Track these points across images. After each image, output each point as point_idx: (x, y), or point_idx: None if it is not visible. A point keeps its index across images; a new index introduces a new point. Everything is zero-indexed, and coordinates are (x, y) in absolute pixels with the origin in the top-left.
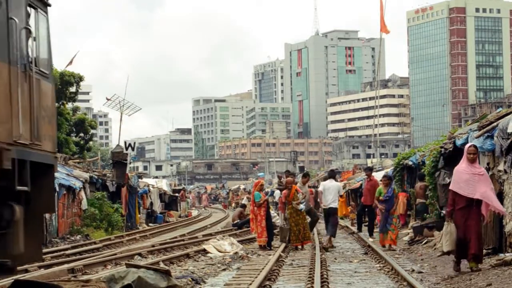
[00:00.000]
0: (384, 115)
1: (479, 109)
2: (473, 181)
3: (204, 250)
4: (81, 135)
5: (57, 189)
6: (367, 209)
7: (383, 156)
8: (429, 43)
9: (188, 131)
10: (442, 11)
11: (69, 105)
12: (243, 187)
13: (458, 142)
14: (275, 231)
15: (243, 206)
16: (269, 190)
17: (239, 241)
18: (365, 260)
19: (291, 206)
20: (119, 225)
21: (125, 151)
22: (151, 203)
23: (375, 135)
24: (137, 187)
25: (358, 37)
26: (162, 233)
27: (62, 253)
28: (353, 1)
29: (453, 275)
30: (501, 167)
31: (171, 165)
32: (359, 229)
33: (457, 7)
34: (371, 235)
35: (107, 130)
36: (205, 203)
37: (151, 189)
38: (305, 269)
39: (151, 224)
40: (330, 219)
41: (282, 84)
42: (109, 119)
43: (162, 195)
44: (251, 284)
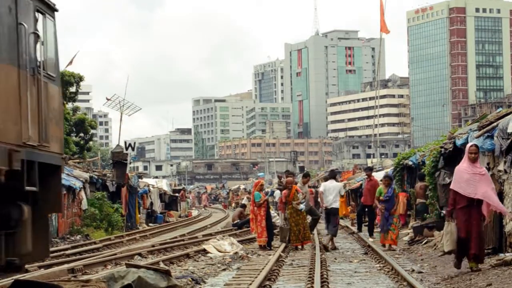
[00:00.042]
0: (384, 115)
1: (479, 109)
2: (474, 181)
3: (204, 250)
4: (81, 135)
5: None
6: (367, 209)
7: (383, 156)
8: (429, 43)
9: (188, 131)
10: (442, 11)
11: (69, 105)
12: (243, 187)
13: (458, 142)
14: (275, 231)
15: (243, 206)
16: (269, 190)
17: (239, 241)
18: (365, 260)
19: (291, 206)
20: (119, 225)
21: (125, 151)
22: (151, 203)
23: (375, 135)
24: (137, 187)
25: (358, 37)
26: (162, 233)
27: (62, 253)
28: (353, 1)
29: (454, 275)
30: (501, 167)
31: (171, 165)
32: (359, 229)
33: (457, 7)
34: (371, 235)
35: (107, 130)
36: (205, 203)
37: (151, 189)
38: (305, 269)
39: (151, 224)
40: (331, 220)
41: (282, 84)
42: (109, 119)
43: (162, 195)
44: (251, 284)
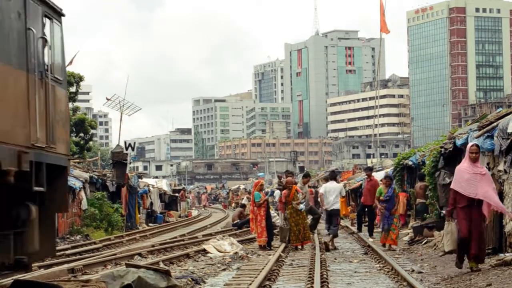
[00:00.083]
0: (384, 115)
1: (479, 109)
2: (475, 181)
3: (204, 250)
4: (81, 135)
5: None
6: (367, 209)
7: (383, 156)
8: (429, 43)
9: (188, 131)
10: (442, 11)
11: (69, 105)
12: (243, 187)
13: (458, 142)
14: (275, 231)
15: (243, 206)
16: (269, 190)
17: (239, 241)
18: (365, 260)
19: (291, 206)
20: (119, 225)
21: (125, 151)
22: (151, 203)
23: (375, 135)
24: (137, 187)
25: (358, 37)
26: (162, 233)
27: (62, 253)
28: (353, 1)
29: (454, 275)
30: (501, 167)
31: (171, 165)
32: (359, 229)
33: (457, 7)
34: (371, 235)
35: (107, 130)
36: (204, 203)
37: (151, 189)
38: (305, 269)
39: (151, 224)
40: (332, 221)
41: (282, 84)
42: (109, 119)
43: (162, 195)
44: (251, 284)
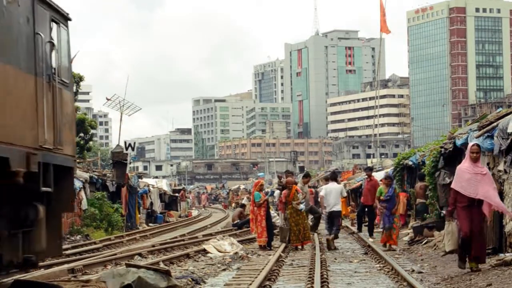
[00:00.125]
0: (384, 115)
1: (479, 109)
2: (475, 181)
3: (204, 250)
4: (81, 135)
5: None
6: (367, 209)
7: (383, 156)
8: (429, 43)
9: (188, 131)
10: (442, 11)
11: None
12: (243, 187)
13: (458, 142)
14: (275, 231)
15: (243, 206)
16: (269, 190)
17: (239, 241)
18: (365, 260)
19: (291, 206)
20: (119, 225)
21: (125, 151)
22: (151, 203)
23: (375, 135)
24: (137, 187)
25: (358, 37)
26: (162, 233)
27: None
28: (353, 1)
29: (454, 275)
30: (501, 167)
31: (171, 165)
32: (359, 229)
33: (457, 7)
34: (371, 235)
35: (107, 130)
36: (204, 203)
37: (151, 189)
38: (305, 269)
39: (151, 224)
40: (334, 222)
41: (282, 84)
42: (109, 119)
43: (162, 195)
44: (251, 284)
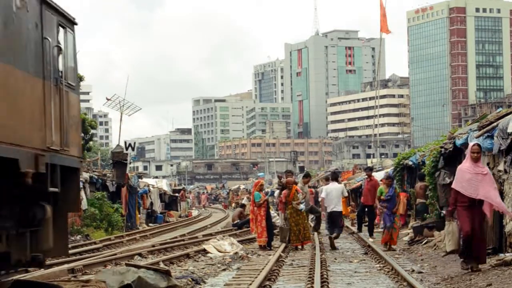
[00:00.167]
0: (384, 115)
1: (479, 109)
2: (476, 181)
3: (204, 250)
4: (81, 135)
5: None
6: (367, 209)
7: (383, 156)
8: (429, 43)
9: (188, 131)
10: (442, 11)
11: None
12: (243, 187)
13: (458, 142)
14: (275, 231)
15: (243, 206)
16: (269, 190)
17: (239, 241)
18: (365, 260)
19: (291, 206)
20: (119, 225)
21: (125, 151)
22: (151, 203)
23: (375, 135)
24: (137, 187)
25: (358, 37)
26: (162, 233)
27: None
28: (353, 1)
29: (454, 275)
30: (501, 167)
31: (171, 165)
32: (359, 229)
33: (457, 7)
34: (371, 235)
35: (107, 130)
36: (204, 203)
37: (151, 189)
38: (305, 269)
39: (151, 224)
40: (335, 222)
41: (282, 84)
42: (109, 119)
43: (162, 195)
44: (251, 284)
